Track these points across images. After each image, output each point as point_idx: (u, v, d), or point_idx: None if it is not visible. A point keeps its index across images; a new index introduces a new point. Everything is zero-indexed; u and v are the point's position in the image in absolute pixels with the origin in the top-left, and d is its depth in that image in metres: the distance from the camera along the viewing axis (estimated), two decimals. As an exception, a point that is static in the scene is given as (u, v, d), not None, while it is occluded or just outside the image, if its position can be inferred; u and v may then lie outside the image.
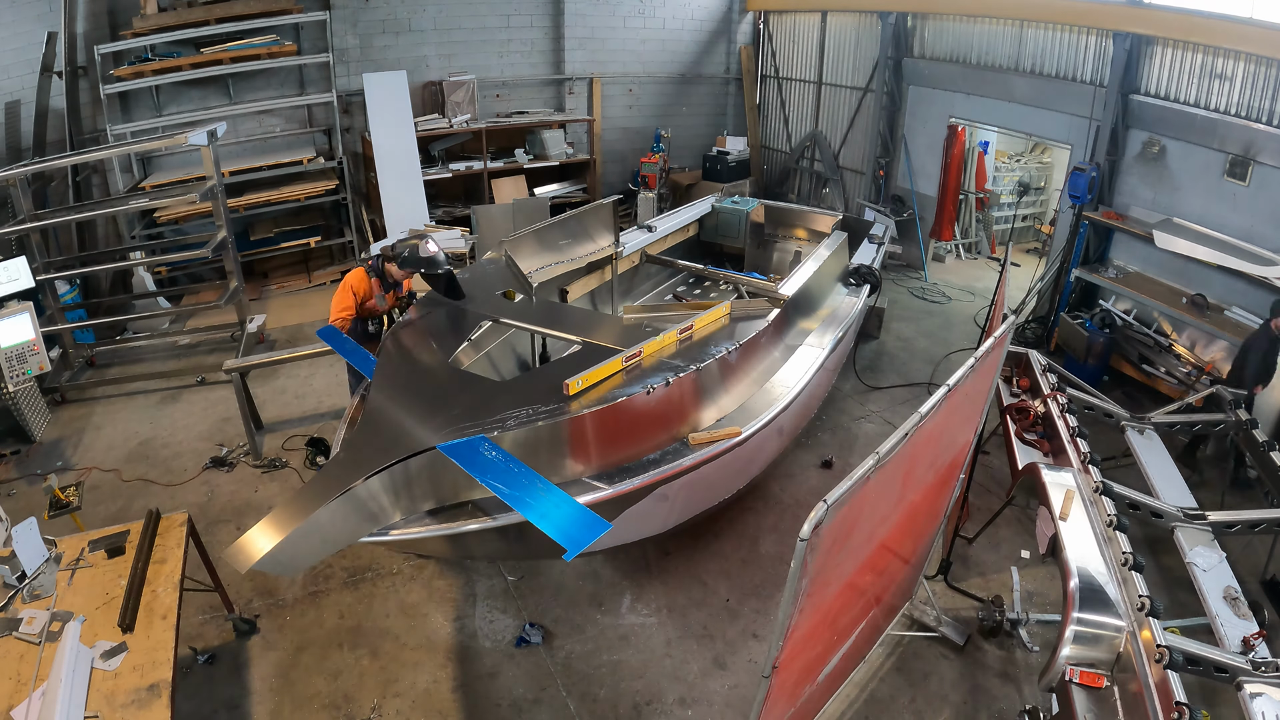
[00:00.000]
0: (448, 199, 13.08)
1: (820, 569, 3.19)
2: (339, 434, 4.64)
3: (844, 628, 4.37)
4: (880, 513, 3.79)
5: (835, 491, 2.90)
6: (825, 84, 13.89)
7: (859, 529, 3.53)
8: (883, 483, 3.38)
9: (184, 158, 10.93)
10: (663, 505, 4.92)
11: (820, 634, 3.91)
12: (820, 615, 3.68)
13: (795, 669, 3.73)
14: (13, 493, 6.95)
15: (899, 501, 4.03)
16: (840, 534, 3.23)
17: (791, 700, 4.02)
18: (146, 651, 3.89)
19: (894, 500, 3.92)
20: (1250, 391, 6.89)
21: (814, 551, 2.93)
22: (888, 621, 5.47)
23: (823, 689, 4.58)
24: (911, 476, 3.99)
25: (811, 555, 2.93)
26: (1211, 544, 5.44)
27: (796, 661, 3.67)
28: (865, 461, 3.10)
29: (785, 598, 3.04)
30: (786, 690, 3.76)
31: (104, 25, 10.28)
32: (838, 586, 3.72)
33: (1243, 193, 7.95)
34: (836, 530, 3.11)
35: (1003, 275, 7.27)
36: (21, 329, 6.94)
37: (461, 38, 12.79)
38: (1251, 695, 3.97)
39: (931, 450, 4.14)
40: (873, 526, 3.79)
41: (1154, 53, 8.63)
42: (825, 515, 2.85)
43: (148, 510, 4.86)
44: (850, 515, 3.20)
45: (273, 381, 8.85)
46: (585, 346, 5.19)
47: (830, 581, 3.53)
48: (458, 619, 5.71)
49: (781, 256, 9.99)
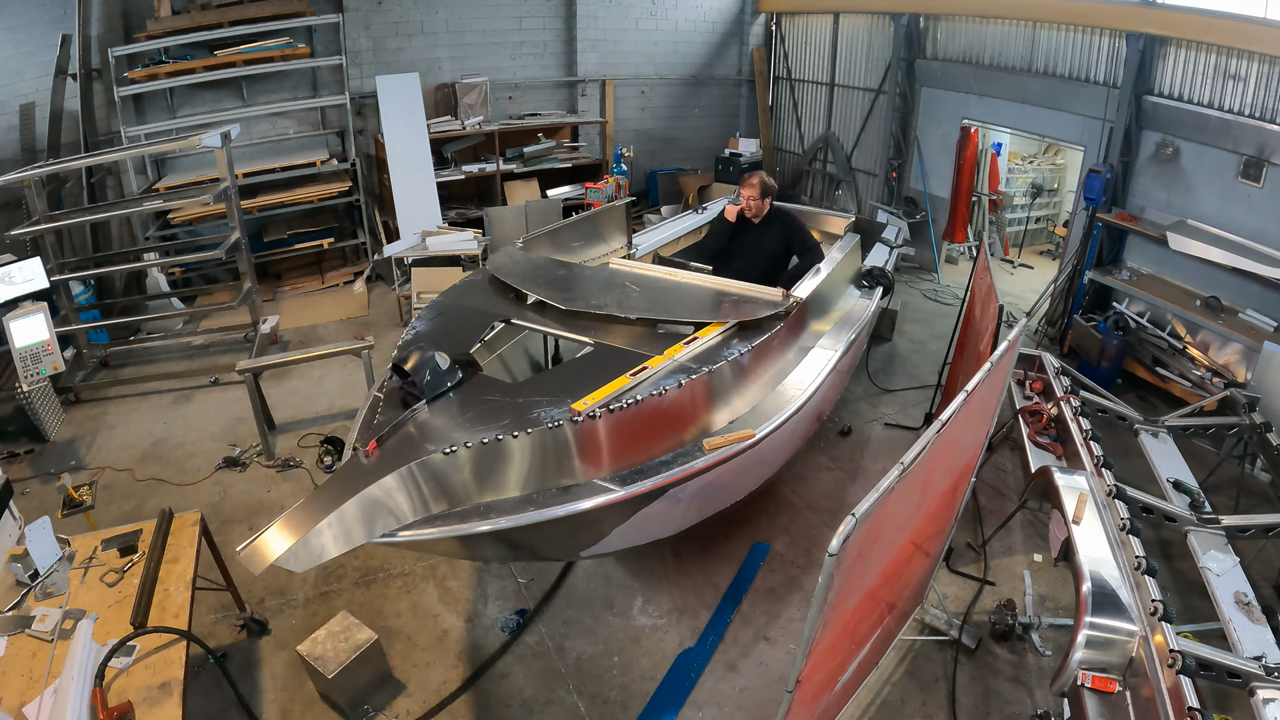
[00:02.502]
0: (460, 201, 13.12)
1: (845, 581, 3.17)
2: (353, 434, 4.65)
3: (862, 636, 4.36)
4: (900, 521, 3.78)
5: (863, 505, 2.86)
6: (838, 85, 13.86)
7: (881, 539, 3.51)
8: (904, 492, 3.35)
9: (198, 159, 11.00)
10: (675, 507, 4.90)
11: (841, 645, 3.89)
12: (842, 626, 3.67)
13: (816, 680, 3.71)
14: (26, 491, 7.00)
15: (917, 509, 4.02)
16: (864, 546, 3.21)
17: (810, 712, 4.01)
18: (158, 650, 3.92)
19: (913, 508, 3.90)
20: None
21: (840, 566, 2.90)
22: (900, 627, 5.44)
23: (839, 697, 4.57)
24: (930, 483, 3.98)
25: (839, 570, 2.90)
26: (1225, 548, 5.41)
27: (818, 674, 3.65)
28: (890, 472, 3.07)
29: (812, 612, 3.01)
30: (806, 703, 3.74)
31: (118, 28, 10.35)
32: (859, 597, 3.70)
33: (1257, 194, 7.89)
34: (861, 543, 3.08)
35: (976, 265, 7.27)
36: (36, 329, 6.99)
37: (474, 40, 12.82)
38: (1265, 701, 3.96)
39: (949, 456, 4.13)
40: (893, 535, 3.78)
41: (1167, 53, 8.58)
42: (853, 529, 2.81)
43: (160, 509, 4.89)
44: (874, 526, 3.17)
45: (286, 382, 8.90)
46: (598, 348, 5.20)
47: (853, 593, 3.51)
48: (469, 620, 5.73)
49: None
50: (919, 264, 12.64)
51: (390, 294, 11.22)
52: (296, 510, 3.49)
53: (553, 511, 4.01)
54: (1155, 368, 8.68)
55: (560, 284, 6.11)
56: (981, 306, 6.73)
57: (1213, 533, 5.49)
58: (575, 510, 4.07)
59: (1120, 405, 7.13)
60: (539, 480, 4.17)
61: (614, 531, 4.64)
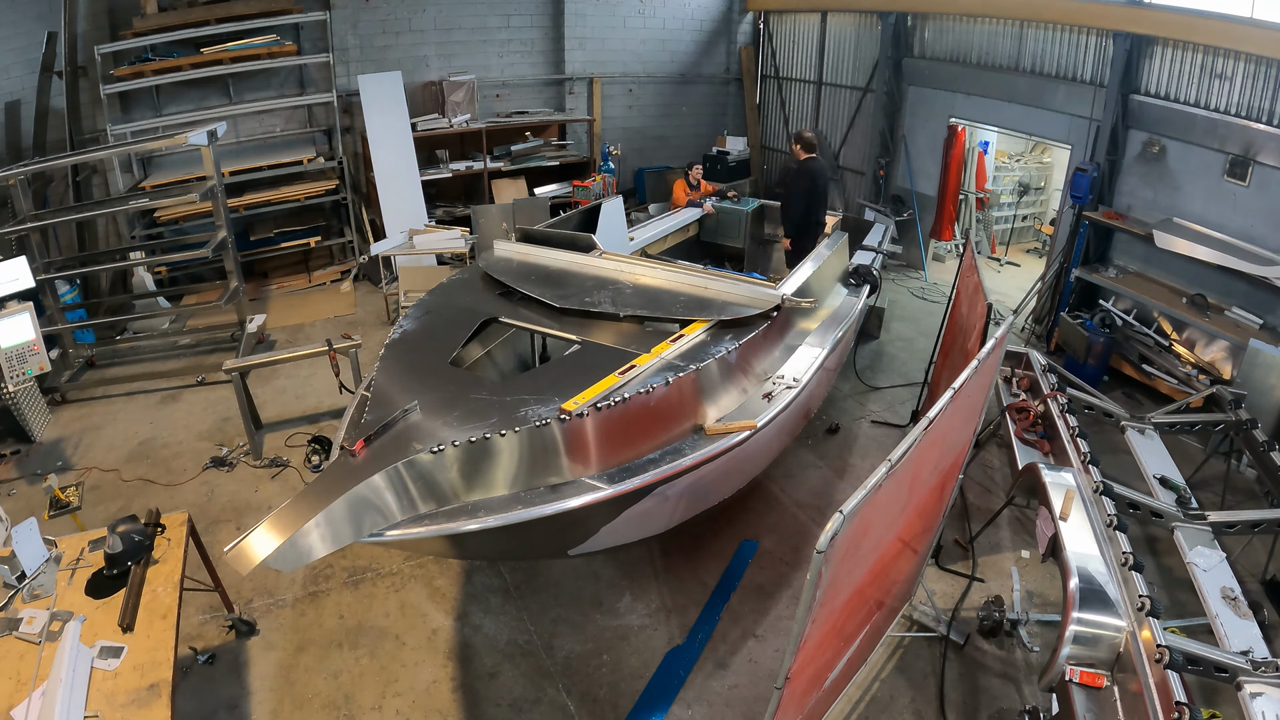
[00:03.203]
0: (448, 199, 13.09)
1: (833, 579, 3.17)
2: (340, 434, 4.64)
3: (850, 633, 4.37)
4: (889, 518, 3.79)
5: (850, 502, 2.87)
6: (825, 84, 13.89)
7: (869, 536, 3.52)
8: (893, 489, 3.37)
9: (185, 157, 10.92)
10: (663, 505, 4.91)
11: (829, 641, 3.90)
12: (830, 623, 3.68)
13: (805, 677, 3.72)
14: (13, 493, 6.95)
15: (905, 506, 4.03)
16: (852, 543, 3.22)
17: (800, 708, 4.02)
18: (146, 651, 3.89)
19: (901, 505, 3.91)
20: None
21: (829, 563, 2.91)
22: (889, 623, 5.47)
23: (828, 694, 4.58)
24: (918, 480, 4.00)
25: (827, 566, 2.91)
26: (1211, 544, 5.44)
27: (807, 670, 3.66)
28: (878, 469, 3.08)
29: (800, 610, 3.02)
30: (795, 699, 3.75)
31: (104, 25, 10.28)
32: (847, 594, 3.71)
33: (1243, 193, 7.94)
34: (849, 540, 3.10)
35: (961, 263, 7.31)
36: (22, 329, 6.93)
37: (462, 38, 12.79)
38: (1252, 695, 3.98)
39: (936, 452, 4.15)
40: (881, 532, 3.79)
41: (1154, 53, 8.63)
42: (841, 526, 2.82)
43: (148, 510, 4.87)
44: (862, 523, 3.19)
45: (273, 381, 8.85)
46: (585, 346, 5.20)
47: (841, 590, 3.52)
48: (458, 619, 5.72)
49: (781, 256, 9.99)
50: (906, 262, 12.67)
51: (377, 292, 11.18)
52: (284, 510, 3.48)
53: (541, 510, 4.01)
54: (1142, 365, 8.73)
55: (551, 281, 6.11)
56: (968, 304, 6.75)
57: (1199, 529, 5.52)
58: (563, 508, 4.06)
59: (1107, 402, 7.16)
60: (527, 479, 4.16)
61: (602, 529, 4.65)
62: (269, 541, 3.33)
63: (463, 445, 3.95)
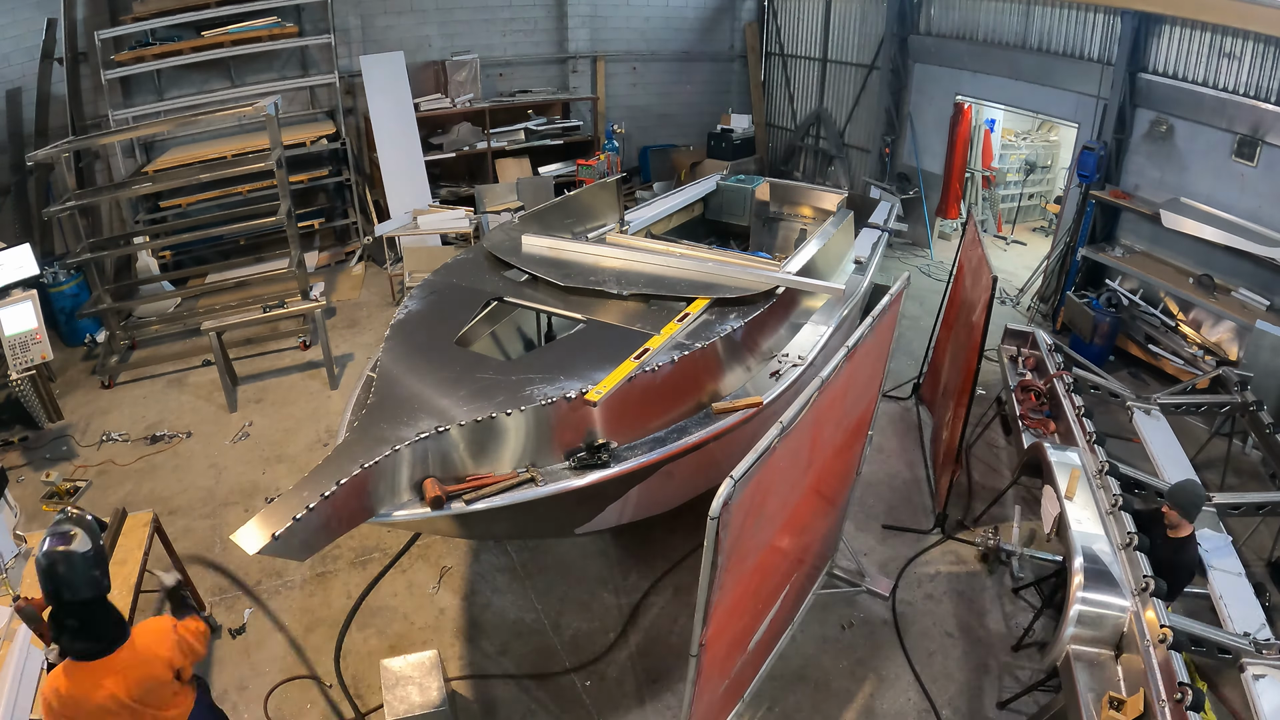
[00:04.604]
0: (452, 179, 13.04)
1: (736, 542, 3.24)
2: (344, 417, 4.64)
3: (768, 595, 4.43)
4: (791, 479, 3.86)
5: (741, 466, 2.94)
6: (830, 61, 13.79)
7: (772, 498, 3.59)
8: (791, 450, 3.45)
9: (185, 141, 10.91)
10: (670, 483, 4.92)
11: (745, 605, 3.96)
12: (743, 587, 3.74)
13: (724, 642, 3.81)
14: (22, 479, 6.99)
15: (809, 466, 4.10)
16: (753, 506, 3.29)
17: (724, 673, 4.11)
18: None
19: (804, 465, 3.99)
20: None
21: (726, 528, 2.98)
22: (812, 583, 5.61)
23: (755, 656, 4.67)
24: (820, 439, 4.08)
25: (724, 531, 2.98)
26: (1216, 525, 5.45)
27: (724, 635, 3.74)
28: (770, 431, 3.12)
29: (703, 576, 3.08)
30: (718, 664, 3.84)
31: (104, 10, 10.22)
32: (756, 557, 3.77)
33: (1250, 173, 7.90)
34: (748, 503, 3.17)
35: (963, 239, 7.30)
36: (24, 317, 6.92)
37: (465, 17, 12.71)
38: (1255, 676, 4.01)
39: (837, 411, 4.24)
40: (785, 493, 3.86)
41: (1162, 31, 8.55)
42: (734, 491, 2.89)
43: (114, 509, 4.90)
44: (761, 486, 3.26)
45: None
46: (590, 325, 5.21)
47: (748, 554, 3.59)
48: (465, 598, 5.75)
49: (787, 235, 9.94)
50: (912, 240, 12.63)
51: (382, 273, 11.16)
52: (290, 494, 3.47)
53: (548, 489, 4.02)
54: (1148, 345, 8.72)
55: (556, 261, 6.12)
56: (972, 278, 6.74)
57: (1204, 510, 5.53)
58: (570, 487, 4.08)
59: (1112, 382, 7.15)
60: (533, 458, 4.17)
61: (609, 508, 4.66)
62: (276, 525, 3.31)
63: (469, 425, 3.96)
